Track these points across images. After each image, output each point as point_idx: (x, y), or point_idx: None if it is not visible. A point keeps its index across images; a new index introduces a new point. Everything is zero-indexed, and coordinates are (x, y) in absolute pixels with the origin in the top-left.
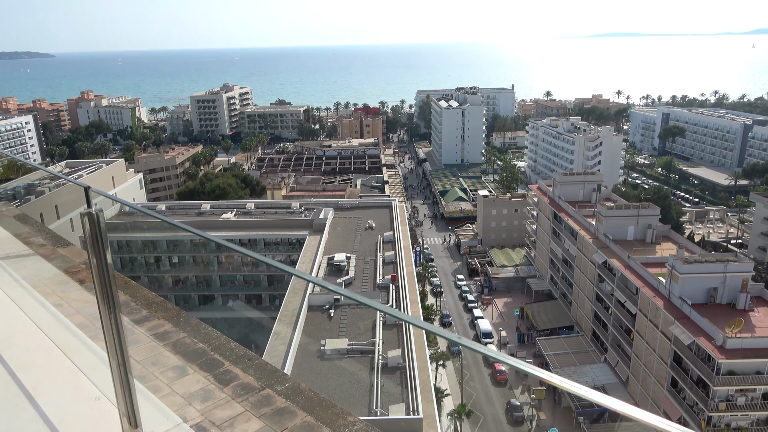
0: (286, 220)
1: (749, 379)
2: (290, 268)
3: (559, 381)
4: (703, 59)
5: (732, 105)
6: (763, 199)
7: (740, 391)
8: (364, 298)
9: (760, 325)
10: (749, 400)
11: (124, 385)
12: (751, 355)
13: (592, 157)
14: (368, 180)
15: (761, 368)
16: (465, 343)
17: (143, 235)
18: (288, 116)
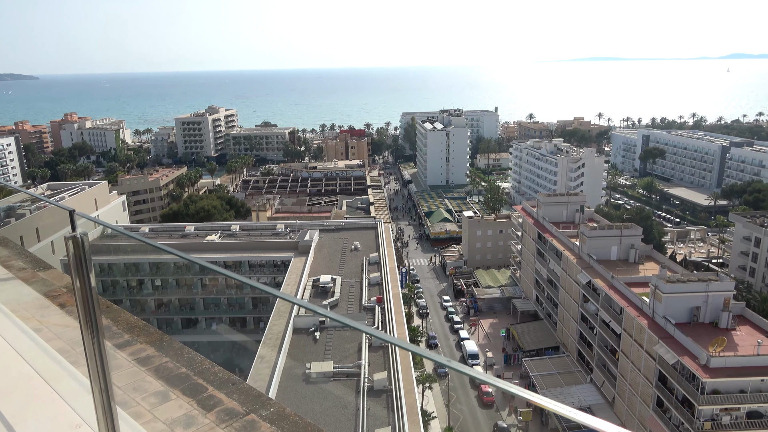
0: (271, 242)
1: (733, 398)
2: (274, 290)
3: (546, 402)
4: (681, 83)
5: (710, 127)
6: (742, 219)
7: (725, 410)
8: (350, 320)
9: (743, 343)
10: (734, 419)
11: (106, 412)
12: (734, 374)
13: (574, 178)
14: (354, 201)
15: (744, 387)
16: (454, 366)
17: (126, 257)
18: (273, 138)
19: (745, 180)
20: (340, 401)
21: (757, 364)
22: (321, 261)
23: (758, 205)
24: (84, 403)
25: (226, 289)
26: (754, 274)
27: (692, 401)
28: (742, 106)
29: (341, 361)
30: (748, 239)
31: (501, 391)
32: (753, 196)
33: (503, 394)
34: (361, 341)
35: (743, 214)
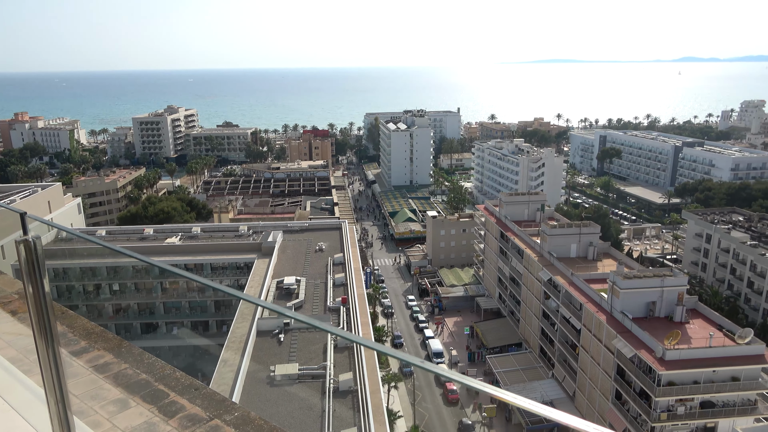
0: (234, 244)
1: (687, 389)
2: (239, 293)
3: (509, 396)
4: (635, 85)
5: (663, 128)
6: (694, 217)
7: (680, 401)
8: (317, 322)
9: (696, 336)
10: (688, 410)
11: (62, 422)
12: (688, 366)
13: (535, 178)
14: (318, 202)
15: (698, 378)
16: (427, 368)
17: (81, 262)
18: (235, 138)
19: (697, 179)
20: (306, 403)
21: (709, 355)
22: (285, 262)
23: (709, 202)
24: (39, 414)
25: (188, 293)
26: (705, 269)
27: (649, 393)
28: (693, 107)
29: (306, 363)
30: (699, 236)
31: (466, 388)
32: (704, 194)
33: (468, 392)
34: (326, 342)
35: (695, 212)
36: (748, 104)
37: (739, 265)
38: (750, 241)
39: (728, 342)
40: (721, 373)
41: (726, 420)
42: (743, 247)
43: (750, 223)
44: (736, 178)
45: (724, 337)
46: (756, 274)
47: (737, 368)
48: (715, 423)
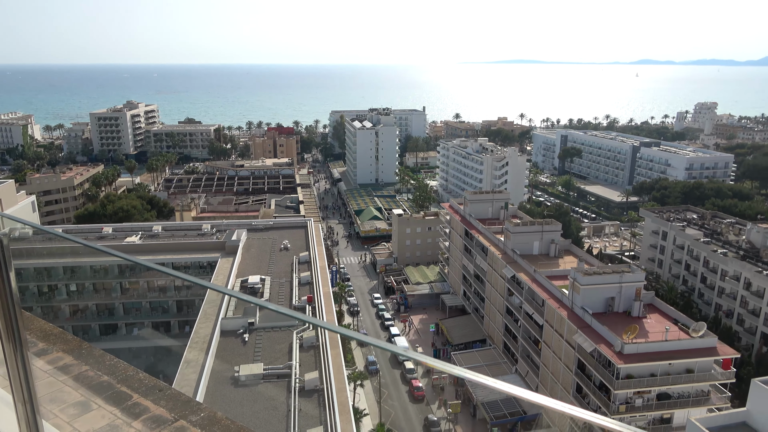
0: (197, 243)
1: (645, 382)
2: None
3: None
4: (595, 86)
5: (622, 128)
6: (650, 214)
7: (638, 393)
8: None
9: (653, 330)
10: (646, 402)
11: (31, 427)
12: (645, 359)
13: (499, 177)
14: (283, 200)
15: (655, 371)
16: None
17: (36, 262)
18: (198, 135)
19: (653, 178)
20: (271, 403)
21: (665, 349)
22: (249, 261)
23: (665, 201)
24: (4, 418)
25: (148, 293)
26: (661, 266)
27: (608, 386)
28: (649, 108)
29: (271, 363)
30: (656, 233)
31: (431, 385)
32: (660, 192)
33: (433, 388)
34: (291, 341)
35: (652, 210)
36: (701, 106)
37: (693, 262)
38: (703, 238)
39: (683, 335)
40: (676, 365)
41: (681, 411)
42: (697, 244)
43: (703, 220)
44: (690, 178)
45: (679, 331)
46: (709, 269)
47: (691, 361)
48: (671, 414)
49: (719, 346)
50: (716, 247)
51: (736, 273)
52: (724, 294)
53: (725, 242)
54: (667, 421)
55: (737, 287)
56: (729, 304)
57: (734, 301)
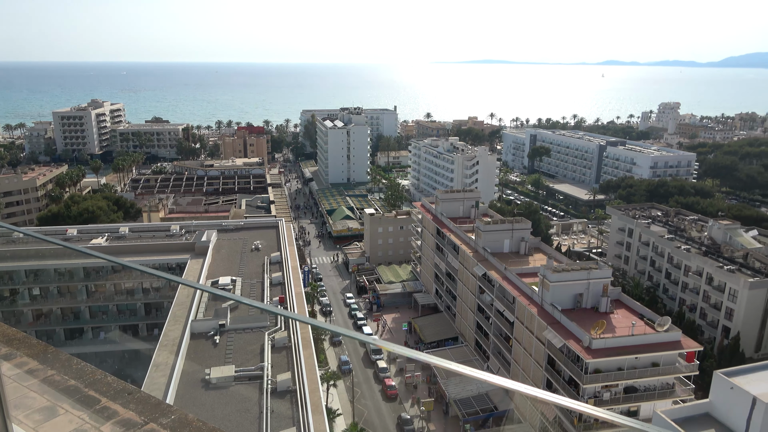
0: (165, 244)
1: (612, 376)
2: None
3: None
4: (563, 86)
5: (588, 128)
6: (617, 212)
7: (605, 387)
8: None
9: (619, 325)
10: (613, 395)
11: None
12: (613, 354)
13: (470, 175)
14: (253, 200)
15: (622, 365)
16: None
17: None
18: (165, 134)
19: (620, 176)
20: (243, 405)
21: (631, 343)
22: (219, 262)
23: (630, 198)
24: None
25: (115, 296)
26: (628, 262)
27: (577, 381)
28: (615, 108)
29: (243, 365)
30: (622, 230)
31: (404, 383)
32: (626, 190)
33: (406, 386)
34: (263, 342)
35: (618, 208)
36: (665, 106)
37: (657, 258)
38: (667, 234)
39: (649, 330)
40: (642, 359)
41: (647, 403)
42: (661, 241)
43: (667, 217)
44: (654, 176)
45: (645, 326)
46: (673, 265)
47: (657, 354)
48: (638, 407)
49: (683, 340)
50: (680, 244)
51: (698, 268)
52: (688, 289)
53: (688, 239)
54: (634, 414)
55: (700, 282)
56: (692, 298)
57: (697, 296)
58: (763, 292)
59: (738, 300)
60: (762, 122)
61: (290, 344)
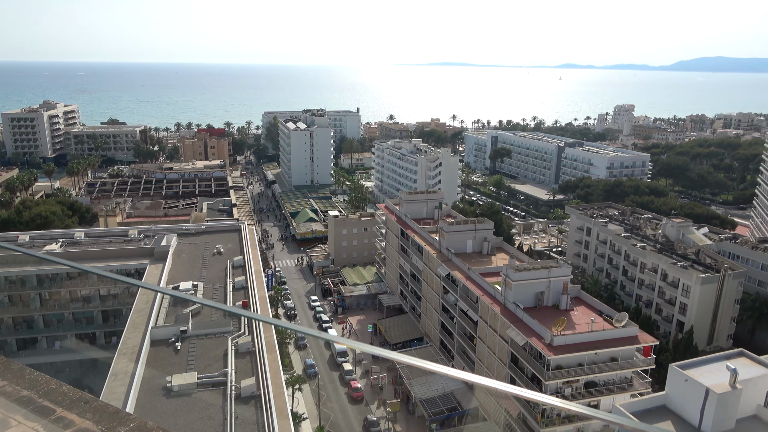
0: (123, 249)
1: (573, 371)
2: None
3: (427, 365)
4: (522, 88)
5: (548, 129)
6: (576, 212)
7: (567, 383)
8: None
9: (579, 322)
10: (574, 391)
11: None
12: (573, 350)
13: (433, 177)
14: (215, 203)
15: (582, 360)
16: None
17: None
18: (122, 137)
19: (578, 176)
20: (206, 412)
21: (591, 339)
22: (180, 267)
23: (588, 198)
24: None
25: (71, 303)
26: (586, 260)
27: (540, 377)
28: (573, 110)
29: (206, 371)
30: (581, 229)
31: (370, 385)
32: (584, 190)
33: (372, 388)
34: (226, 348)
35: (577, 207)
36: (620, 108)
37: (615, 256)
38: (624, 233)
39: (607, 326)
40: (601, 354)
41: (607, 398)
42: (618, 239)
43: (624, 216)
44: (611, 176)
45: (603, 322)
46: (629, 263)
47: (615, 349)
48: (598, 401)
49: (640, 335)
50: (636, 242)
51: (653, 265)
52: (644, 285)
53: (644, 236)
54: (595, 408)
55: (655, 278)
56: (648, 294)
57: (653, 292)
58: (714, 287)
59: (691, 295)
60: (711, 124)
61: (254, 349)
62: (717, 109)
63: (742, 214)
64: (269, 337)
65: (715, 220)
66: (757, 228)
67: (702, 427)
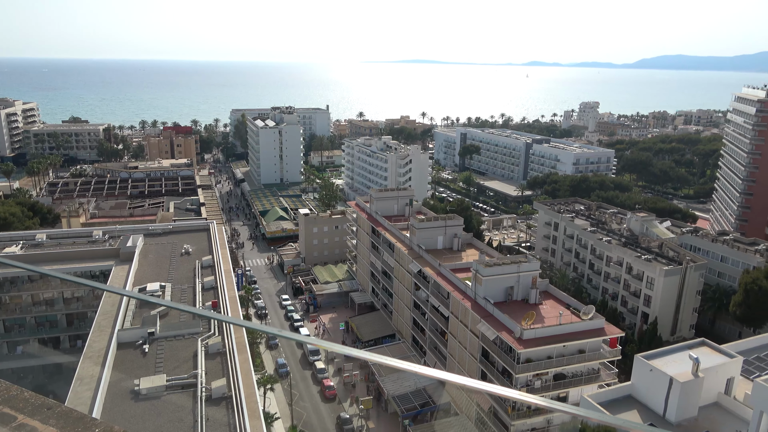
0: (88, 251)
1: (542, 364)
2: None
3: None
4: (490, 85)
5: (516, 126)
6: (543, 207)
7: (536, 375)
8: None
9: (548, 315)
10: (544, 383)
11: None
12: (542, 343)
13: (403, 174)
14: (182, 203)
15: (551, 353)
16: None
17: None
18: (85, 135)
19: (545, 172)
20: (176, 414)
21: (559, 332)
22: (147, 268)
23: (556, 194)
24: None
25: (33, 307)
26: (554, 255)
27: (510, 371)
28: (540, 107)
29: (175, 373)
30: (549, 224)
31: (342, 383)
32: (551, 186)
33: (344, 386)
34: (196, 349)
35: (544, 203)
36: (585, 105)
37: (581, 250)
38: (590, 227)
39: (575, 319)
40: (570, 347)
41: (575, 389)
42: (585, 233)
43: (590, 211)
44: (577, 172)
45: (571, 315)
46: (596, 256)
47: (583, 342)
48: (567, 392)
49: (606, 327)
50: (601, 236)
51: (619, 259)
52: (610, 278)
53: (609, 231)
54: (564, 400)
55: (620, 272)
56: (614, 287)
57: (618, 285)
58: (677, 279)
59: (655, 287)
60: (672, 120)
61: (224, 349)
62: (678, 106)
63: (703, 208)
64: (240, 338)
65: (677, 213)
66: (717, 221)
67: (666, 415)
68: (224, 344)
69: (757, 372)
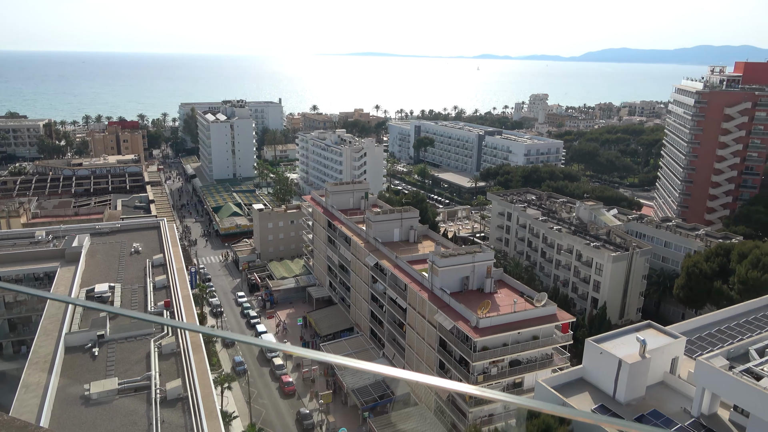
0: (30, 252)
1: (498, 351)
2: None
3: (345, 361)
4: (442, 78)
5: (468, 118)
6: (497, 198)
7: (492, 363)
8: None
9: (503, 304)
10: (500, 370)
11: None
12: (498, 331)
13: (358, 167)
14: (130, 200)
15: (506, 340)
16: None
17: None
18: (24, 131)
19: (498, 164)
20: (129, 418)
21: (514, 320)
22: (95, 268)
23: (508, 184)
24: None
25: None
26: (508, 244)
27: (467, 359)
28: (491, 99)
29: (127, 376)
30: (502, 215)
31: (301, 378)
32: (504, 177)
33: (303, 381)
34: (149, 350)
35: (497, 193)
36: (535, 97)
37: (534, 239)
38: (541, 216)
39: (528, 306)
40: (524, 333)
41: (530, 374)
42: (536, 223)
43: (541, 201)
44: (528, 162)
45: (525, 302)
46: (547, 245)
47: (536, 328)
48: (522, 378)
49: (559, 313)
50: (552, 225)
51: (569, 246)
52: (561, 266)
53: (559, 219)
54: (519, 385)
55: (571, 259)
56: (565, 274)
57: (569, 272)
58: (624, 265)
59: (603, 273)
60: (617, 112)
61: (179, 350)
62: (623, 97)
63: (647, 196)
64: (195, 337)
65: (623, 201)
66: (660, 208)
67: (616, 396)
68: (179, 344)
69: (699, 351)
